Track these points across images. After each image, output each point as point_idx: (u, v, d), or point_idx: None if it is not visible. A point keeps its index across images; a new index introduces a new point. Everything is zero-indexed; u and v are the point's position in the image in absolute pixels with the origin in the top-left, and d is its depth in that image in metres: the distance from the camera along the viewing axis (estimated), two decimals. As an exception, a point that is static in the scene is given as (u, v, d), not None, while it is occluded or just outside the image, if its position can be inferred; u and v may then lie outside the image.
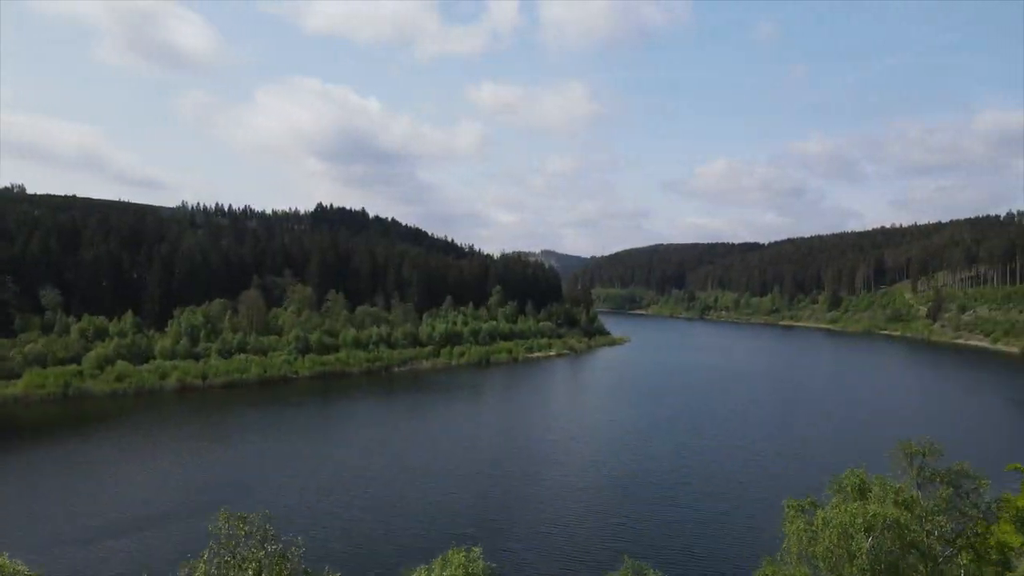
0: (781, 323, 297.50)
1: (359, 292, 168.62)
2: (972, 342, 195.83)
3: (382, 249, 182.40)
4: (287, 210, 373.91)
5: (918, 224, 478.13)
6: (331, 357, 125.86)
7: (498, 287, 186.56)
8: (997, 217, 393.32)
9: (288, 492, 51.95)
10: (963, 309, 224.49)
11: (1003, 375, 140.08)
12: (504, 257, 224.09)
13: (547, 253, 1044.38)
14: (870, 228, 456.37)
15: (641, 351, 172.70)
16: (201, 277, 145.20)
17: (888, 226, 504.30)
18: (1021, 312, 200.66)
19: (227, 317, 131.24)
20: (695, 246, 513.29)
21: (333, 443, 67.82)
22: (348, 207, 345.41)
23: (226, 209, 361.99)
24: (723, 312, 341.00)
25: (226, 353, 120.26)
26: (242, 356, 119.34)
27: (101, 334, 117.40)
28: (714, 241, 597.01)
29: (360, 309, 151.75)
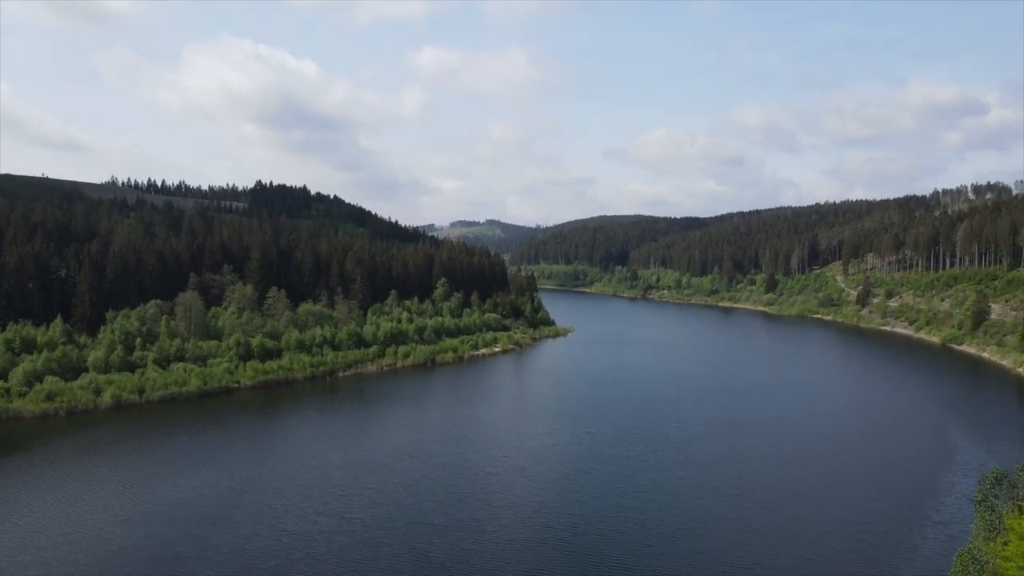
0: (721, 304, 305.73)
1: (302, 287, 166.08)
2: (898, 329, 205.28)
3: (325, 244, 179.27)
4: (224, 186, 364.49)
5: (850, 201, 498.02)
6: (274, 364, 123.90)
7: (443, 279, 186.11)
8: (923, 197, 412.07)
9: (221, 559, 51.53)
10: (890, 295, 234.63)
11: (925, 369, 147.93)
12: (449, 245, 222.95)
13: (492, 223, 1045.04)
14: (805, 203, 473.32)
15: (584, 345, 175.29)
16: (135, 277, 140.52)
17: (822, 203, 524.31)
18: (942, 300, 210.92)
19: (164, 321, 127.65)
20: (637, 221, 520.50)
21: (270, 486, 67.10)
22: (289, 184, 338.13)
23: (159, 185, 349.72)
24: (664, 291, 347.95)
25: (164, 362, 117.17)
26: (180, 365, 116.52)
27: (29, 345, 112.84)
28: (656, 214, 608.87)
29: (303, 307, 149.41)
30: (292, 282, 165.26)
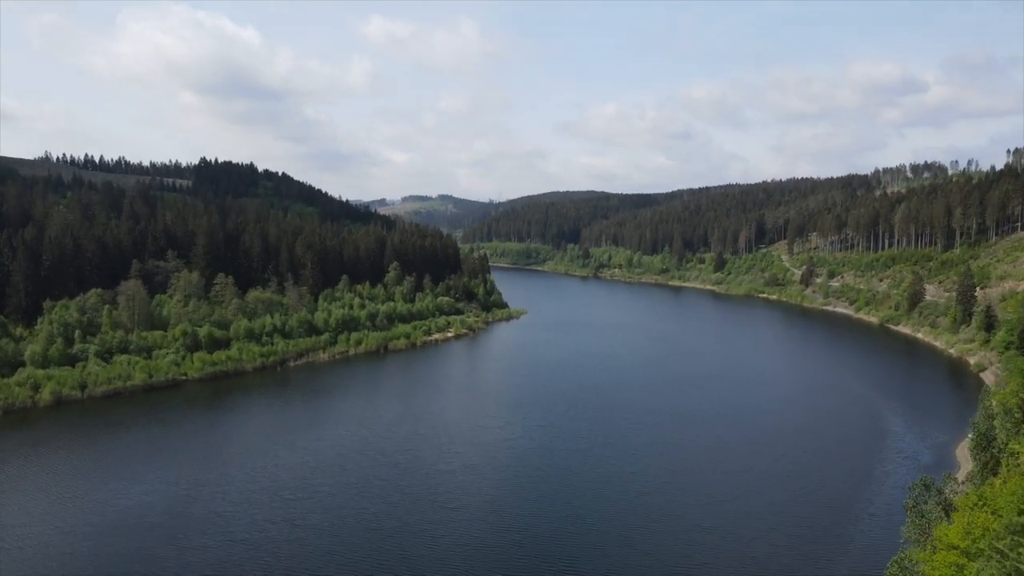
0: (671, 283, 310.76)
1: (250, 272, 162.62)
2: (839, 309, 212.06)
3: (274, 227, 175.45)
4: (167, 162, 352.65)
5: (796, 179, 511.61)
6: (223, 355, 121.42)
7: (395, 263, 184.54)
8: (865, 176, 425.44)
9: (170, 574, 50.97)
10: (832, 275, 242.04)
11: (864, 350, 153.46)
12: (402, 228, 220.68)
13: (444, 198, 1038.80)
14: (752, 177, 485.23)
15: (536, 329, 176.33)
16: (73, 264, 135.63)
17: (769, 180, 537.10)
18: (881, 280, 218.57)
19: (105, 311, 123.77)
20: (589, 198, 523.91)
21: (218, 491, 65.98)
22: (234, 160, 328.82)
23: (97, 161, 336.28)
24: (616, 270, 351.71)
25: (106, 355, 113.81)
26: (124, 358, 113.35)
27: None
28: (607, 189, 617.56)
29: (252, 294, 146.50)
30: (240, 267, 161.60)
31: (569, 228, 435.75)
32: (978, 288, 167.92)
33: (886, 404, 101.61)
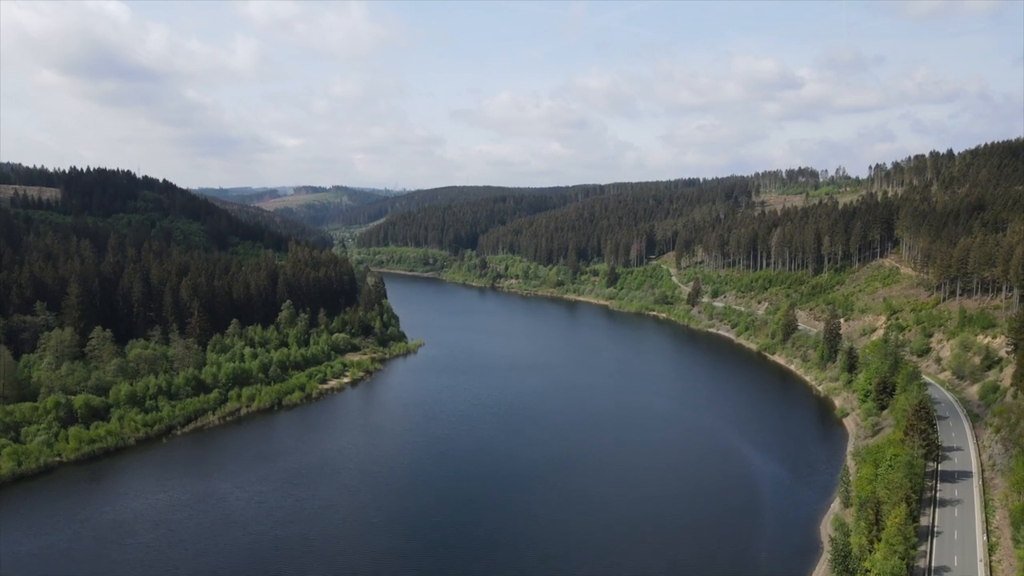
0: (566, 296, 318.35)
1: (131, 320, 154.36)
2: (722, 332, 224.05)
3: (157, 267, 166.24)
4: (31, 167, 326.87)
5: (683, 179, 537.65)
6: (102, 429, 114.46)
7: (288, 302, 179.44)
8: (745, 181, 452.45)
9: None
10: (715, 294, 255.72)
11: (745, 390, 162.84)
12: (295, 259, 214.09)
13: (339, 189, 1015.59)
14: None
15: (432, 373, 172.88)
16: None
17: (660, 181, 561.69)
18: (759, 303, 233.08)
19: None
20: (485, 200, 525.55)
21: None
22: (110, 167, 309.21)
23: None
24: (513, 281, 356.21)
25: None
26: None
27: None
28: (505, 183, 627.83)
29: (133, 351, 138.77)
30: (119, 314, 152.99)
31: (467, 233, 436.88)
32: (842, 320, 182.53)
33: (763, 467, 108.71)
